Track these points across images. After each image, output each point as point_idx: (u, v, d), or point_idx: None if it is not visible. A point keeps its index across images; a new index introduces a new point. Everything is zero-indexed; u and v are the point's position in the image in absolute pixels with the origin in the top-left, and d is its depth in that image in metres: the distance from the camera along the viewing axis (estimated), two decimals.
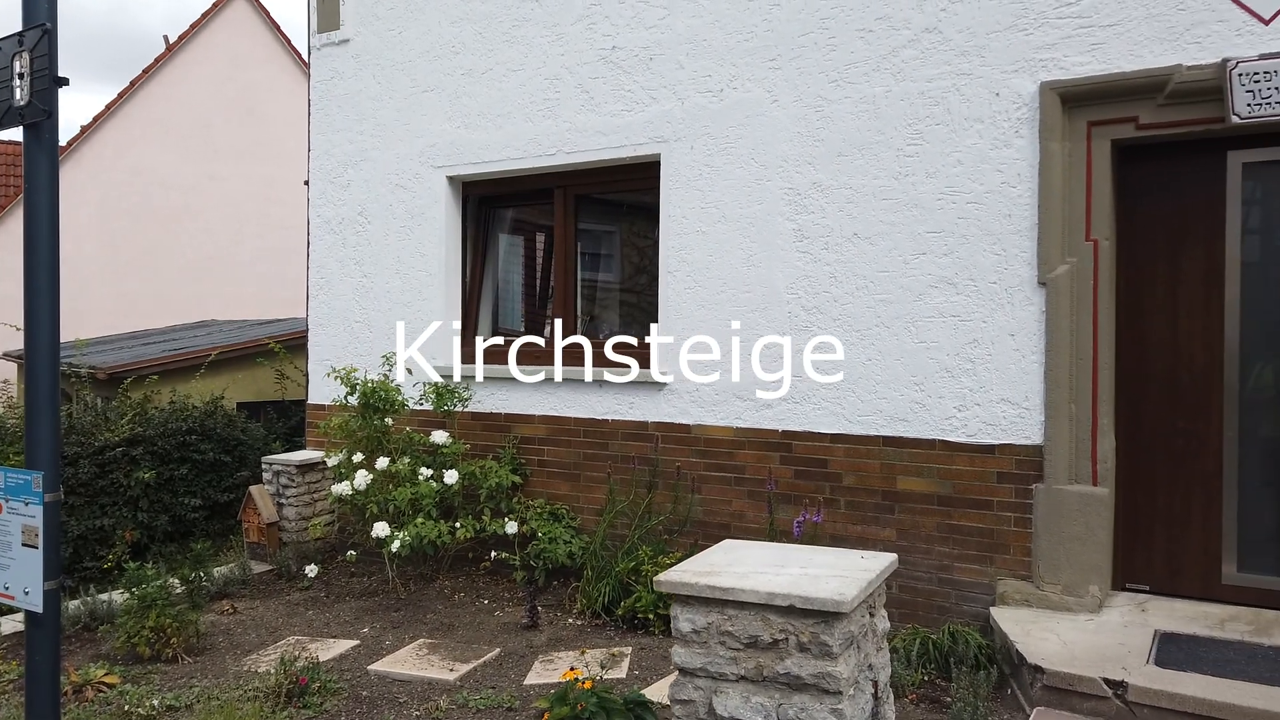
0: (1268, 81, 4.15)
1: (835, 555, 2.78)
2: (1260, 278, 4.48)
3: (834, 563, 2.66)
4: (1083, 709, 3.89)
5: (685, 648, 2.53)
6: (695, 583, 2.50)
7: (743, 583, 2.45)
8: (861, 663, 2.52)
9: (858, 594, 2.40)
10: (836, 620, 2.34)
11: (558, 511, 6.02)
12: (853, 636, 2.43)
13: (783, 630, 2.38)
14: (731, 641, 2.44)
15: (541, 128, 6.26)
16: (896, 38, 5.08)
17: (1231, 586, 4.55)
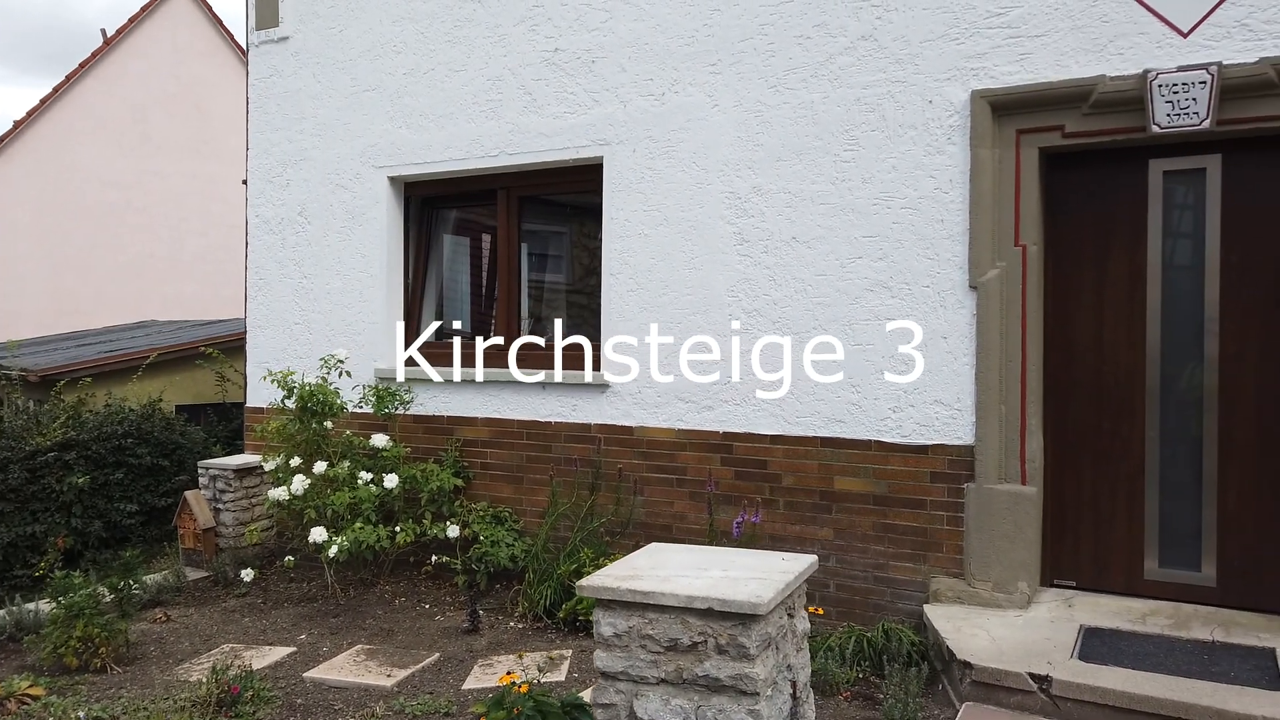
0: (1185, 93, 4.29)
1: (757, 558, 2.82)
2: (1179, 281, 4.63)
3: (755, 565, 2.70)
4: (1009, 703, 3.99)
5: (607, 651, 2.55)
6: (617, 587, 2.52)
7: (664, 586, 2.47)
8: (780, 663, 2.55)
9: (774, 596, 2.44)
10: (753, 622, 2.37)
11: (501, 514, 6.00)
12: (770, 638, 2.47)
13: (702, 633, 2.41)
14: (652, 645, 2.47)
15: (484, 128, 6.23)
16: (833, 44, 5.16)
17: (1153, 582, 4.70)
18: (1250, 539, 4.49)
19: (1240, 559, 4.52)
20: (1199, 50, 4.32)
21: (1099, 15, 4.52)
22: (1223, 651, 4.08)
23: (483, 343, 6.53)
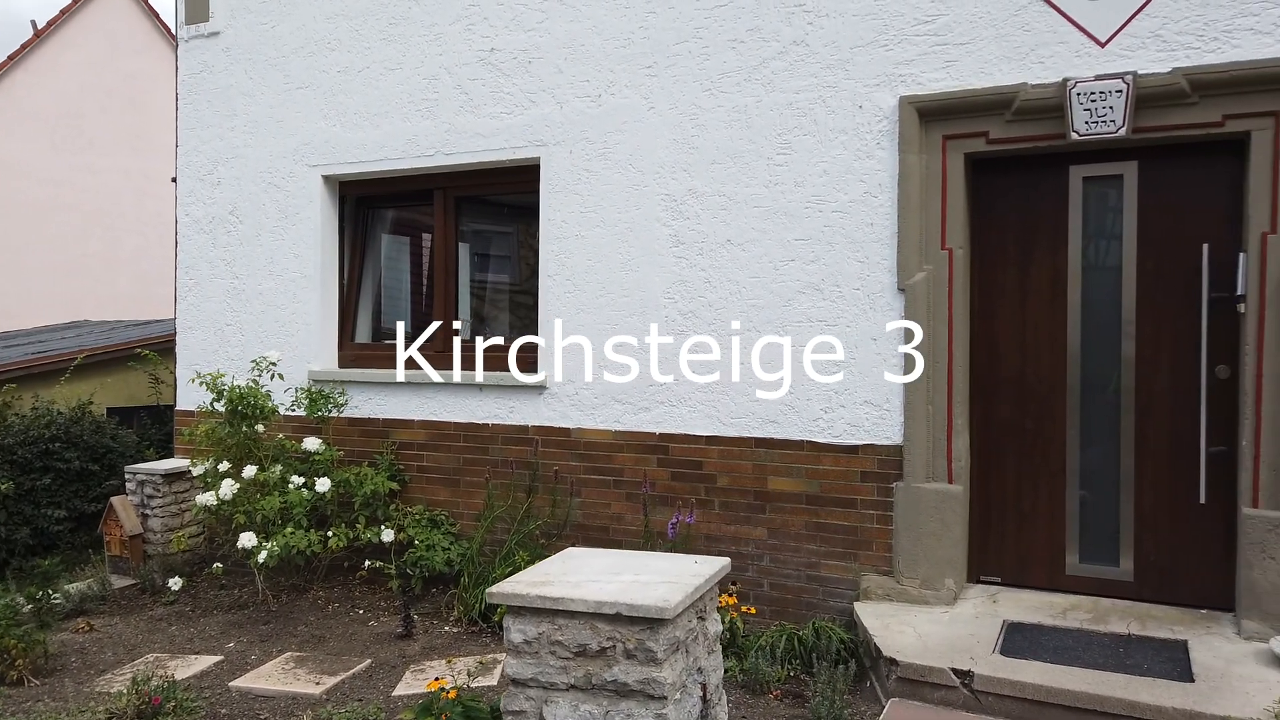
0: (1103, 101, 4.41)
1: (671, 561, 2.83)
2: (1099, 284, 4.76)
3: (667, 569, 2.72)
4: (933, 699, 4.06)
5: (517, 658, 2.54)
6: (527, 593, 2.52)
7: (573, 592, 2.48)
8: (690, 666, 2.57)
9: (682, 600, 2.46)
10: (661, 626, 2.39)
11: (437, 518, 5.95)
12: (679, 641, 2.48)
13: (610, 638, 2.42)
14: (561, 651, 2.47)
15: (420, 128, 6.17)
16: (767, 49, 5.20)
17: (1074, 577, 4.82)
18: (1165, 535, 4.63)
19: (1156, 554, 4.66)
20: (1116, 60, 4.44)
21: (1021, 24, 4.62)
22: (1138, 645, 4.20)
23: (420, 344, 6.47)
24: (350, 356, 6.59)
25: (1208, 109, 4.29)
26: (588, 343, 5.67)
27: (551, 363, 5.77)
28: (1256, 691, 3.67)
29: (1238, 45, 4.23)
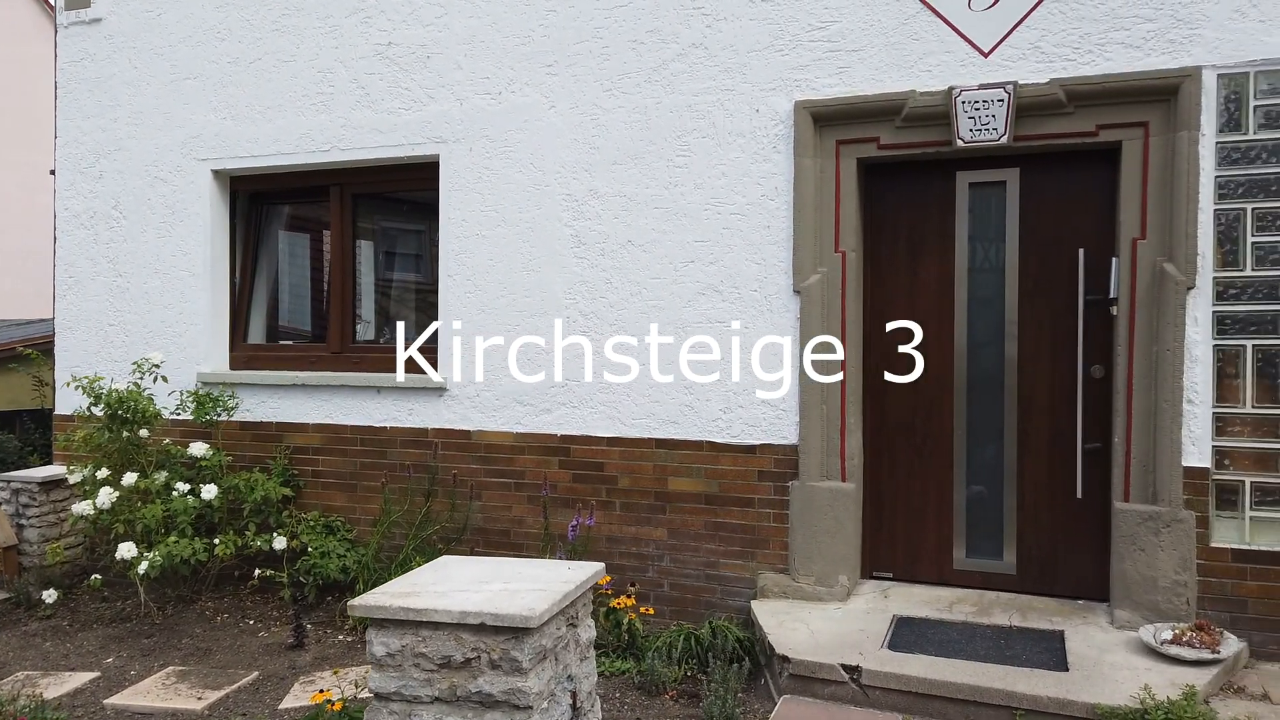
0: (986, 109, 4.55)
1: (543, 568, 2.80)
2: (984, 286, 4.91)
3: (539, 576, 2.69)
4: (824, 694, 4.12)
5: (380, 672, 2.48)
6: (390, 605, 2.45)
7: (438, 603, 2.42)
8: (559, 675, 2.55)
9: (550, 608, 2.43)
10: (526, 635, 2.36)
11: (333, 524, 5.79)
12: (545, 650, 2.46)
13: (475, 649, 2.37)
14: (426, 663, 2.41)
15: (315, 122, 6.00)
16: (666, 51, 5.21)
17: (961, 571, 4.97)
18: (1045, 529, 4.81)
19: (1037, 548, 4.83)
20: (998, 70, 4.59)
21: (910, 33, 4.73)
22: (1019, 636, 4.35)
23: (316, 345, 6.30)
24: (243, 358, 6.37)
25: (1083, 119, 4.46)
26: (489, 343, 5.59)
27: (452, 364, 5.68)
28: (1125, 679, 3.83)
29: (1110, 58, 4.41)
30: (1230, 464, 4.27)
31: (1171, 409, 4.28)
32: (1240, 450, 4.26)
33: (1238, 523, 4.26)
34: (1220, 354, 4.27)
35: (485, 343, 5.60)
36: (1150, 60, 4.34)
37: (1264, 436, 4.22)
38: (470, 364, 5.63)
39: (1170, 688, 3.71)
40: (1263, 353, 4.22)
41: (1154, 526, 4.31)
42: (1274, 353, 4.21)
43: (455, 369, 5.66)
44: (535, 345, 5.48)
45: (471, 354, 5.63)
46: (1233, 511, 4.27)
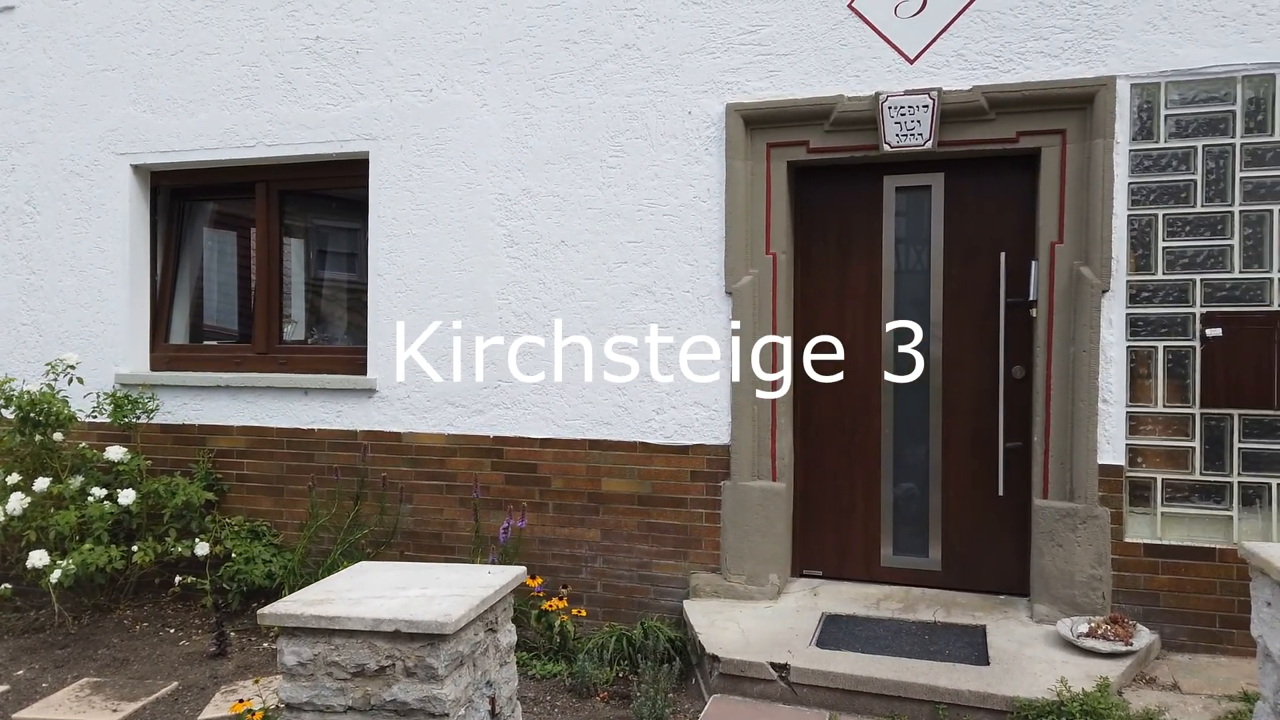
0: (911, 115, 4.64)
1: (463, 573, 2.77)
2: (910, 288, 5.00)
3: (457, 581, 2.66)
4: (753, 693, 4.16)
5: (291, 682, 2.42)
6: (301, 613, 2.40)
7: (352, 610, 2.38)
8: (477, 681, 2.52)
9: (467, 613, 2.40)
10: (442, 642, 2.33)
11: (258, 529, 5.65)
12: (462, 656, 2.43)
13: (389, 656, 2.34)
14: (339, 672, 2.37)
15: (240, 117, 5.85)
16: (599, 51, 5.20)
17: (889, 568, 5.05)
18: (968, 525, 4.92)
19: (961, 544, 4.94)
20: (923, 76, 4.67)
21: (838, 39, 4.80)
22: (943, 631, 4.44)
23: (241, 345, 6.15)
24: (164, 359, 6.18)
25: (1004, 125, 4.57)
26: (420, 344, 5.51)
27: (382, 365, 5.59)
28: (1043, 672, 3.94)
29: (1030, 67, 4.53)
30: (1143, 461, 4.42)
31: (1087, 408, 4.42)
32: (1152, 448, 4.41)
33: (1150, 518, 4.41)
34: (1133, 355, 4.42)
35: (416, 343, 5.52)
36: (1068, 69, 4.46)
37: (1174, 435, 4.38)
38: (401, 365, 5.55)
39: (1086, 680, 3.83)
40: (1173, 353, 4.38)
41: (1071, 523, 4.44)
42: (1183, 354, 4.36)
43: (385, 370, 5.58)
44: (467, 345, 5.42)
45: (402, 355, 5.54)
46: (1145, 508, 4.41)
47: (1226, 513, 4.32)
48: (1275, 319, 4.23)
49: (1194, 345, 4.34)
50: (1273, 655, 2.59)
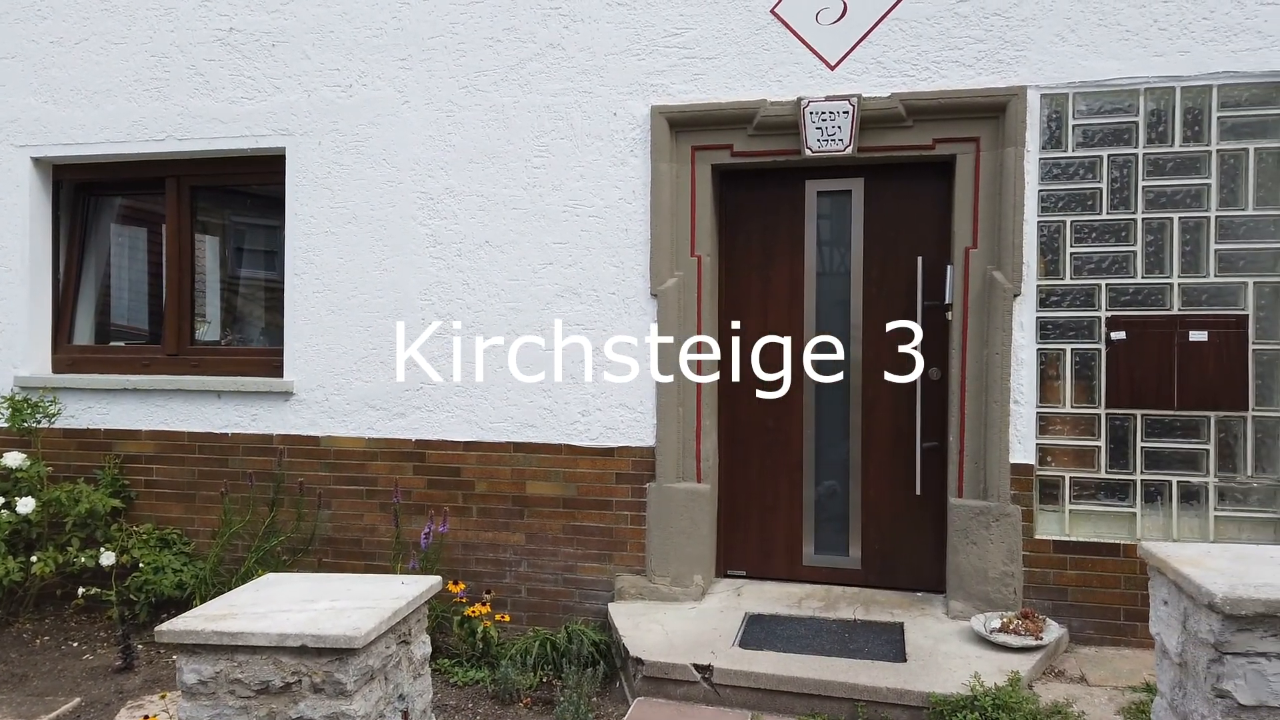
0: (832, 120, 4.70)
1: (374, 584, 2.71)
2: (831, 290, 5.08)
3: (369, 593, 2.59)
4: (676, 695, 4.16)
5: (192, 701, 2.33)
6: (202, 629, 2.31)
7: (256, 625, 2.30)
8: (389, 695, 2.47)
9: (377, 626, 2.35)
10: (351, 656, 2.27)
11: (168, 537, 5.45)
12: (373, 670, 2.37)
13: (295, 672, 2.27)
14: (242, 690, 2.29)
15: (148, 110, 5.63)
16: (523, 50, 5.15)
17: (810, 567, 5.12)
18: (887, 524, 5.02)
19: (880, 543, 5.03)
20: (844, 82, 4.74)
21: (761, 44, 4.84)
22: (862, 629, 4.51)
23: (150, 346, 5.92)
24: (67, 360, 5.92)
25: (921, 132, 4.67)
26: (338, 346, 5.39)
27: (299, 367, 5.44)
28: (958, 667, 4.03)
29: (945, 76, 4.63)
30: (1052, 460, 4.56)
31: (1000, 409, 4.54)
32: (1061, 447, 4.55)
33: (1059, 516, 4.56)
34: (1043, 357, 4.56)
35: (334, 344, 5.39)
36: (981, 79, 4.58)
37: (1081, 435, 4.53)
38: (319, 367, 5.41)
39: (998, 674, 3.93)
40: (1080, 356, 4.53)
41: (985, 521, 4.55)
42: (1090, 356, 4.52)
43: (303, 372, 5.43)
44: (388, 347, 5.32)
45: (319, 356, 5.41)
46: (1054, 505, 4.56)
47: (1130, 510, 4.49)
48: (1175, 323, 4.41)
49: (1100, 348, 4.50)
50: (1169, 652, 2.69)
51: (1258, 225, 4.35)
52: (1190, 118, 4.40)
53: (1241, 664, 2.33)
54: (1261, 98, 4.33)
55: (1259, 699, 2.33)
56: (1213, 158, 4.38)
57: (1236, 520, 4.38)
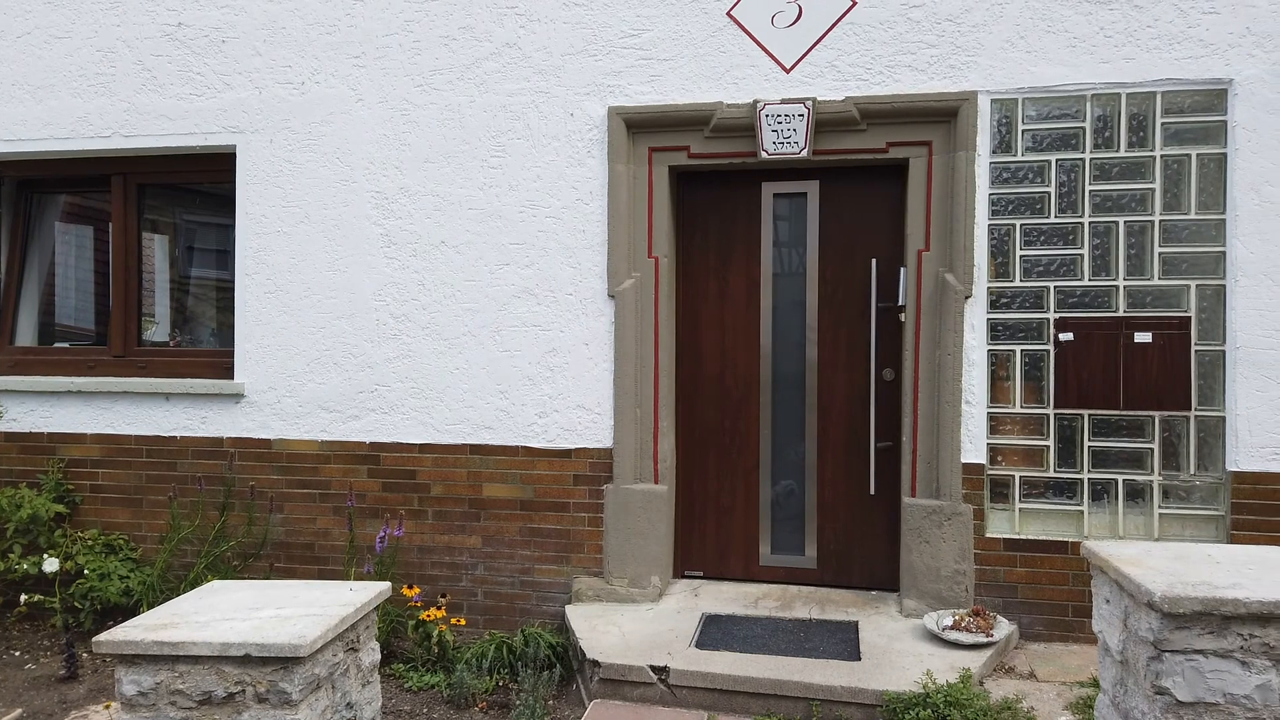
0: (787, 123, 4.73)
1: (322, 590, 2.67)
2: (788, 292, 5.11)
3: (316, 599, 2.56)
4: (633, 696, 4.16)
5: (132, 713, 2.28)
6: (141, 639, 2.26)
7: (198, 634, 2.26)
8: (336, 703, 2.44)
9: (324, 634, 2.31)
10: (296, 665, 2.24)
11: (114, 543, 5.33)
12: (319, 679, 2.34)
13: (239, 682, 2.23)
14: (183, 700, 2.24)
15: (94, 105, 5.50)
16: (479, 49, 5.11)
17: (767, 567, 5.15)
18: (841, 523, 5.06)
19: (835, 542, 5.08)
20: (799, 86, 4.77)
21: (717, 46, 4.85)
22: (818, 628, 4.55)
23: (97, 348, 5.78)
24: (8, 362, 5.76)
25: (875, 136, 4.72)
26: (291, 347, 5.31)
27: (251, 368, 5.35)
28: (911, 665, 4.08)
29: (899, 80, 4.68)
30: (1002, 460, 4.63)
31: (952, 409, 4.60)
32: (1011, 447, 4.63)
33: (1009, 514, 4.63)
34: (994, 358, 4.63)
35: (288, 346, 5.31)
36: (934, 84, 4.64)
37: (1031, 434, 4.61)
38: (271, 369, 5.33)
39: (950, 671, 3.98)
40: (1030, 357, 4.61)
41: (937, 520, 4.61)
42: (1039, 357, 4.60)
43: (254, 374, 5.34)
44: (343, 348, 5.25)
45: (272, 358, 5.32)
46: (1004, 504, 4.63)
47: (1078, 508, 4.58)
48: (1121, 324, 4.50)
49: (1048, 349, 4.58)
50: (1111, 650, 2.75)
51: (1200, 229, 4.46)
52: (1135, 123, 4.50)
53: (1180, 661, 2.39)
54: (1203, 104, 4.44)
55: (1197, 696, 2.38)
56: (1157, 163, 4.48)
57: (1180, 518, 4.49)
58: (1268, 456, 4.35)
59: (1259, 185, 4.35)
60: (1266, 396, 4.34)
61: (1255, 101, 4.36)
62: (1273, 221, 4.34)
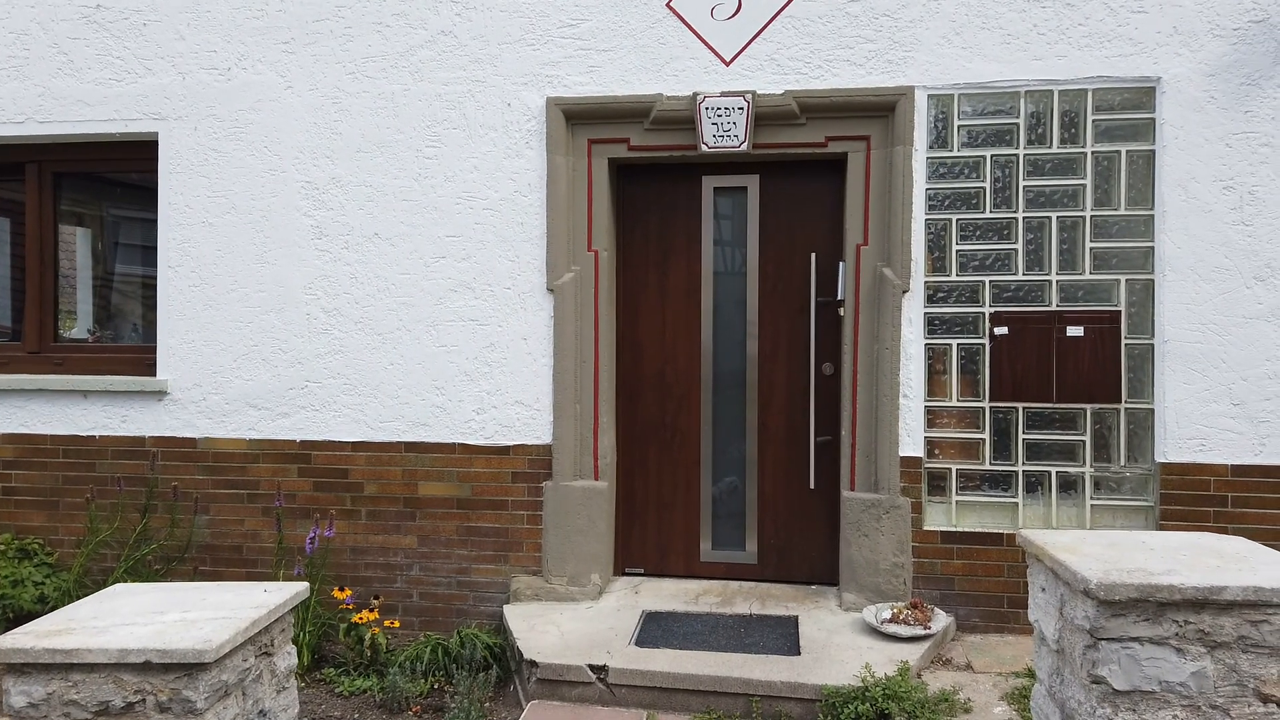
0: (727, 116, 4.70)
1: (233, 592, 2.55)
2: (728, 287, 5.08)
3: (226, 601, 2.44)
4: (571, 696, 4.09)
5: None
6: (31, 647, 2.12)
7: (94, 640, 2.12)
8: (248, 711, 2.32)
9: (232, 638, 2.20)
10: (202, 671, 2.12)
11: (28, 547, 5.09)
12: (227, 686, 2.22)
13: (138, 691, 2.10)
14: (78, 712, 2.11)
15: (6, 90, 5.24)
16: (414, 36, 4.98)
17: (708, 563, 5.12)
18: (781, 518, 5.05)
19: (775, 537, 5.06)
20: (739, 79, 4.75)
21: (657, 37, 4.80)
22: (758, 624, 4.52)
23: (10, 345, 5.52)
24: None
25: (814, 130, 4.71)
26: (217, 342, 5.12)
27: (174, 365, 5.15)
28: (850, 659, 4.07)
29: (837, 74, 4.68)
30: (939, 453, 4.66)
31: (890, 403, 4.62)
32: (947, 440, 4.66)
33: (946, 507, 4.66)
34: (931, 352, 4.66)
35: (213, 341, 5.12)
36: (872, 78, 4.65)
37: (966, 427, 4.64)
38: (195, 365, 5.13)
39: (888, 664, 3.99)
40: (965, 350, 4.64)
41: (876, 513, 4.63)
42: (974, 350, 4.64)
43: (177, 371, 5.14)
44: (272, 344, 5.08)
45: (196, 354, 5.13)
46: (941, 497, 4.66)
47: (1013, 500, 4.63)
48: (1054, 318, 4.56)
49: (984, 343, 4.62)
50: (1047, 639, 2.76)
51: (1129, 225, 4.54)
52: (1067, 120, 4.56)
53: (1116, 649, 2.39)
54: (1133, 102, 4.52)
55: (1133, 684, 2.39)
56: (1088, 159, 4.55)
57: (1111, 508, 4.56)
58: (1195, 448, 4.45)
59: (1186, 182, 4.44)
60: (1193, 389, 4.44)
61: (1182, 99, 4.45)
62: (1199, 218, 4.44)
